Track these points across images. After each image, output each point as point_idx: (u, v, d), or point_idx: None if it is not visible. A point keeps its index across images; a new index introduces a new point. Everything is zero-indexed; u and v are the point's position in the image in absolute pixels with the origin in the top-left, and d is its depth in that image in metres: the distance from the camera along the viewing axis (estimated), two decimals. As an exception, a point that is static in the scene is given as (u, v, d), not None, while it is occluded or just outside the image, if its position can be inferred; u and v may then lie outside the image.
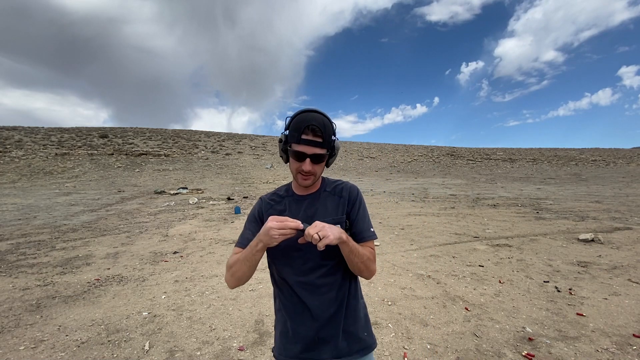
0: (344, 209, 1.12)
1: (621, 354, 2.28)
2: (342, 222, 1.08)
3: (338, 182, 1.18)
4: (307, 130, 1.00)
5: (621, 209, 8.64)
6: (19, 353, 2.37)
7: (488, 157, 37.34)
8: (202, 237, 6.05)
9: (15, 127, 32.35)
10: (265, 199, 1.19)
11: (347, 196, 1.13)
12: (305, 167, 1.02)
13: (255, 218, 1.15)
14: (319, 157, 1.03)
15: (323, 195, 1.14)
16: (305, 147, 1.01)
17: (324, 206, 1.12)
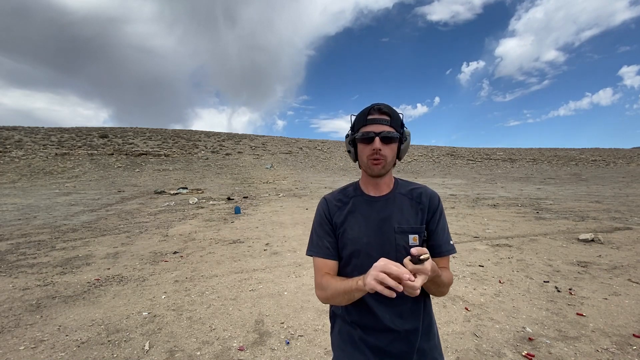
0: (423, 217, 1.01)
1: (621, 354, 2.28)
2: (421, 233, 0.99)
3: (415, 185, 1.08)
4: (373, 110, 0.96)
5: (621, 209, 8.64)
6: (19, 353, 2.37)
7: (488, 157, 37.34)
8: (202, 237, 6.05)
9: (15, 127, 32.35)
10: (331, 200, 1.08)
11: (427, 203, 1.02)
12: (376, 146, 0.94)
13: (325, 221, 1.05)
14: (389, 137, 0.95)
15: (399, 198, 1.04)
16: (373, 126, 0.95)
17: (400, 210, 1.01)
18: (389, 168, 1.00)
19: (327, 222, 1.05)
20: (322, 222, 1.06)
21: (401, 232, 0.98)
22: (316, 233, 1.06)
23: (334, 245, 1.03)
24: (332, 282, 0.95)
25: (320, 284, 0.99)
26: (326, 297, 0.97)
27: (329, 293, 0.95)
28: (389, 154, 0.97)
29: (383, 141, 0.95)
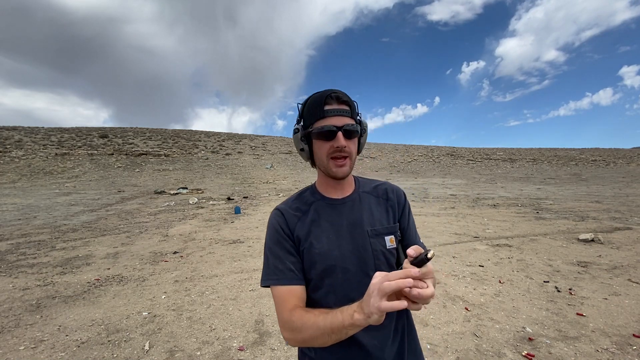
0: (394, 215, 0.89)
1: (621, 354, 2.28)
2: (396, 232, 0.87)
3: (377, 181, 0.97)
4: (330, 99, 0.80)
5: (621, 209, 8.64)
6: (19, 353, 2.37)
7: (488, 157, 37.34)
8: (202, 237, 6.05)
9: (15, 127, 32.35)
10: (287, 210, 0.88)
11: (395, 199, 0.92)
12: (340, 142, 0.79)
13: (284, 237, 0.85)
14: (351, 129, 0.81)
15: (364, 197, 0.91)
16: (333, 118, 0.79)
17: (369, 211, 0.88)
18: (353, 166, 0.86)
19: (286, 238, 0.84)
20: (279, 239, 0.84)
21: (375, 235, 0.85)
22: (273, 254, 0.84)
23: (299, 266, 0.83)
24: (310, 320, 0.71)
25: (291, 323, 0.74)
26: (302, 340, 0.73)
27: (307, 334, 0.71)
28: (354, 150, 0.84)
29: (346, 136, 0.80)
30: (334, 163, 0.82)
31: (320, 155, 0.83)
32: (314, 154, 0.85)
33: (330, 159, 0.82)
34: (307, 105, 0.84)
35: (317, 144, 0.83)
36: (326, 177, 0.88)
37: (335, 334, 0.68)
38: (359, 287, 0.79)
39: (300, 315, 0.74)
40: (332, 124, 0.79)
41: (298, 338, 0.74)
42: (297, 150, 0.88)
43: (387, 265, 0.84)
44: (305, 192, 0.94)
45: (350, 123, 0.80)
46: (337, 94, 0.80)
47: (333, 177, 0.84)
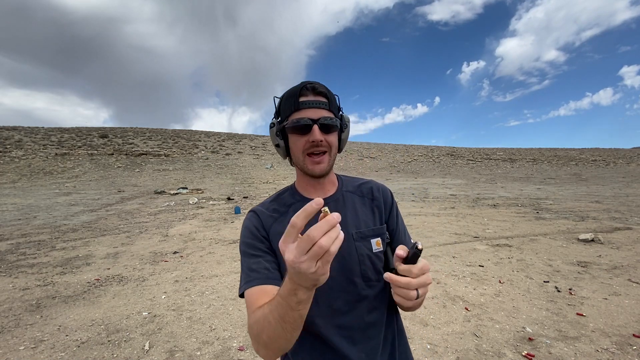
0: (381, 216, 0.83)
1: (621, 354, 2.28)
2: (382, 235, 0.81)
3: (361, 180, 0.91)
4: (306, 90, 0.74)
5: (621, 209, 8.64)
6: (19, 353, 2.37)
7: (488, 157, 37.35)
8: (202, 237, 6.05)
9: (15, 127, 32.36)
10: (262, 211, 0.81)
11: (381, 198, 0.85)
12: (316, 136, 0.72)
13: (259, 238, 0.77)
14: (329, 125, 0.74)
15: (348, 197, 0.85)
16: (308, 111, 0.73)
17: (354, 212, 0.82)
18: (333, 163, 0.79)
19: (261, 239, 0.77)
20: (253, 241, 0.77)
21: (361, 238, 0.78)
22: (247, 256, 0.75)
23: (275, 265, 0.73)
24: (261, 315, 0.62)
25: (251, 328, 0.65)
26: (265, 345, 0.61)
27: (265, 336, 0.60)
28: (333, 144, 0.77)
29: (323, 130, 0.74)
30: (310, 160, 0.76)
31: (296, 151, 0.77)
32: (291, 150, 0.79)
33: (307, 156, 0.76)
34: (283, 99, 0.78)
35: (292, 139, 0.76)
36: (305, 176, 0.82)
37: (288, 323, 0.57)
38: (343, 295, 0.74)
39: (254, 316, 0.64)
40: (307, 117, 0.73)
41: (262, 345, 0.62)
42: (274, 147, 0.82)
43: (374, 270, 0.77)
44: (284, 192, 0.87)
45: (327, 116, 0.74)
46: (312, 85, 0.74)
47: (310, 175, 0.78)
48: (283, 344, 0.61)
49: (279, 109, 0.79)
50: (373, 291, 0.77)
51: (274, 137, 0.80)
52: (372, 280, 0.77)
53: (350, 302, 0.75)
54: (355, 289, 0.75)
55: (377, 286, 0.77)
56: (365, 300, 0.76)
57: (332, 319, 0.74)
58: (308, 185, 0.83)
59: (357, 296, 0.75)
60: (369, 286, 0.76)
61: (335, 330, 0.74)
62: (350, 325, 0.75)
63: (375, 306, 0.77)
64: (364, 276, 0.76)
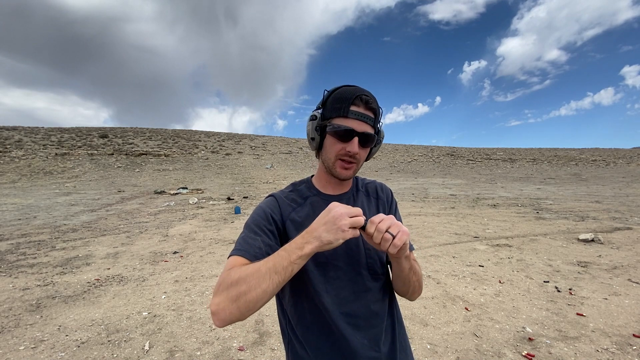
0: (383, 210, 0.91)
1: (621, 354, 2.28)
2: None
3: (366, 180, 0.97)
4: (359, 101, 0.76)
5: (621, 209, 8.64)
6: (19, 353, 2.37)
7: (488, 157, 37.35)
8: (202, 237, 6.05)
9: (15, 127, 32.35)
10: (282, 198, 0.86)
11: (384, 197, 0.93)
12: (353, 148, 0.76)
13: (269, 220, 0.80)
14: (368, 138, 0.78)
15: (359, 195, 0.91)
16: (354, 122, 0.76)
17: (363, 209, 0.84)
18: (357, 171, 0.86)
19: (271, 222, 0.80)
20: (262, 221, 0.80)
21: None
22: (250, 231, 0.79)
23: (269, 249, 0.75)
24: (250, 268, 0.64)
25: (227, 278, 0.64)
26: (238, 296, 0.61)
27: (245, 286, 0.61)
28: (363, 157, 0.82)
29: (362, 143, 0.78)
30: (341, 164, 0.80)
31: (329, 153, 0.80)
32: (324, 147, 0.82)
33: (338, 160, 0.80)
34: (333, 97, 0.79)
35: (330, 141, 0.79)
36: (327, 174, 0.86)
37: (278, 274, 0.62)
38: (350, 285, 0.80)
39: (239, 268, 0.66)
40: (352, 127, 0.76)
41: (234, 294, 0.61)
42: (307, 138, 0.85)
43: (380, 263, 0.84)
44: (300, 185, 0.91)
45: (370, 133, 0.78)
46: (367, 98, 0.77)
47: (336, 177, 0.83)
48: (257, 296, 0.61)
49: (324, 103, 0.81)
50: (378, 283, 0.84)
51: (312, 130, 0.82)
52: (378, 273, 0.84)
53: (357, 292, 0.81)
54: (362, 280, 0.81)
55: (382, 279, 0.85)
56: (370, 291, 0.82)
57: (339, 307, 0.79)
58: (328, 183, 0.89)
59: (363, 287, 0.81)
60: (375, 279, 0.83)
61: (341, 317, 0.78)
62: (356, 314, 0.80)
63: (379, 297, 0.83)
64: (370, 269, 0.82)
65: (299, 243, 0.63)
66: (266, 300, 0.63)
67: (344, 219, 0.61)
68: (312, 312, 0.80)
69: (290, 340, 0.85)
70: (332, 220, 0.62)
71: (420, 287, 0.84)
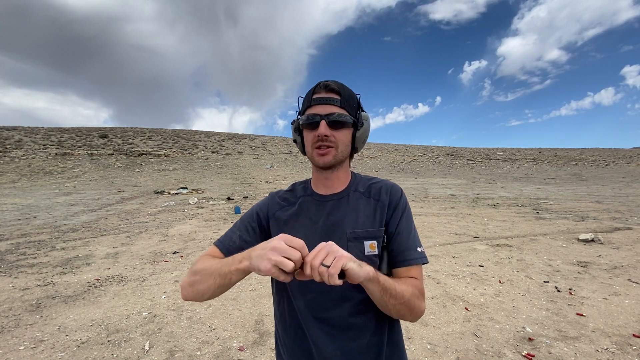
0: (382, 217, 0.80)
1: (621, 354, 2.28)
2: (378, 237, 0.78)
3: (374, 180, 0.89)
4: (319, 88, 0.79)
5: (621, 209, 8.64)
6: (19, 353, 2.37)
7: (488, 157, 37.35)
8: (202, 237, 6.05)
9: (15, 127, 32.36)
10: (274, 197, 0.90)
11: (386, 199, 0.82)
12: (321, 130, 0.75)
13: (254, 217, 0.86)
14: (338, 121, 0.77)
15: (353, 197, 0.84)
16: (318, 107, 0.77)
17: (354, 212, 0.81)
18: (341, 159, 0.81)
19: (255, 219, 0.85)
20: (249, 218, 0.86)
21: (354, 238, 0.78)
22: (236, 226, 0.86)
23: (245, 245, 0.80)
24: (209, 262, 0.73)
25: (194, 265, 0.75)
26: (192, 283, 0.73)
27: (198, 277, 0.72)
28: (341, 141, 0.79)
29: (331, 125, 0.76)
30: (317, 152, 0.79)
31: (307, 145, 0.81)
32: (305, 144, 0.84)
33: (315, 149, 0.79)
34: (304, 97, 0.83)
35: (305, 134, 0.82)
36: (316, 171, 0.86)
37: (220, 277, 0.68)
38: (327, 292, 0.76)
39: (205, 260, 0.76)
40: (316, 113, 0.77)
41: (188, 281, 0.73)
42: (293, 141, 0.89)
43: None
44: (300, 185, 0.92)
45: (336, 112, 0.76)
46: (326, 83, 0.78)
47: (317, 166, 0.82)
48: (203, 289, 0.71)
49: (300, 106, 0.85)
50: (360, 294, 0.75)
51: (293, 133, 0.87)
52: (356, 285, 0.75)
53: (333, 300, 0.77)
54: (339, 288, 0.73)
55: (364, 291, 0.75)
56: (349, 301, 0.76)
57: (313, 312, 0.77)
58: (318, 181, 0.87)
59: (340, 296, 0.76)
60: (355, 288, 0.73)
61: (315, 323, 0.77)
62: (330, 322, 0.77)
63: (361, 310, 0.76)
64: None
65: (241, 257, 0.65)
66: (211, 295, 0.72)
67: (275, 255, 0.57)
68: (290, 313, 0.81)
69: (276, 338, 0.89)
70: (267, 249, 0.59)
71: (410, 311, 0.72)
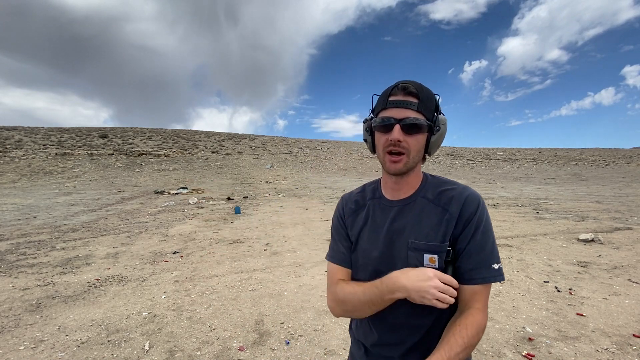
0: (447, 231, 0.76)
1: (621, 354, 2.28)
2: (441, 252, 0.75)
3: (449, 185, 0.82)
4: (397, 89, 0.75)
5: (621, 209, 8.64)
6: (19, 353, 2.37)
7: (488, 157, 37.35)
8: (202, 237, 6.05)
9: (15, 127, 32.35)
10: (347, 201, 0.93)
11: (456, 212, 0.76)
12: (394, 136, 0.73)
13: (341, 224, 0.93)
14: (414, 125, 0.73)
15: (420, 203, 0.81)
16: (394, 110, 0.74)
17: (419, 220, 0.79)
18: (413, 165, 0.79)
19: (342, 226, 0.92)
20: (337, 225, 0.93)
21: (415, 249, 0.77)
22: (332, 237, 0.95)
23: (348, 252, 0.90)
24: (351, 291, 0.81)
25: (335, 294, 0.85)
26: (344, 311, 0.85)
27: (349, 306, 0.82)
28: (414, 147, 0.76)
29: (405, 130, 0.74)
30: (389, 158, 0.77)
31: (379, 148, 0.80)
32: (376, 146, 0.82)
33: (387, 154, 0.78)
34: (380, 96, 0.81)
35: (377, 136, 0.80)
36: (385, 174, 0.86)
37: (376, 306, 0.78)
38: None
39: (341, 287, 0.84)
40: (391, 116, 0.74)
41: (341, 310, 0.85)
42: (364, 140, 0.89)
43: None
44: (370, 185, 0.94)
45: (412, 117, 0.73)
46: (405, 85, 0.75)
47: (387, 172, 0.82)
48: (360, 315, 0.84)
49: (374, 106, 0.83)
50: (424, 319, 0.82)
51: (364, 132, 0.87)
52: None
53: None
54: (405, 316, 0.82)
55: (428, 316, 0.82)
56: (407, 304, 0.77)
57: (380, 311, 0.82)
58: (387, 184, 0.88)
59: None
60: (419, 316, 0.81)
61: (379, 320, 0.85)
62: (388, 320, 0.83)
63: (417, 313, 0.79)
64: None
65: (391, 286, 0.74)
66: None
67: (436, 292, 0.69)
68: None
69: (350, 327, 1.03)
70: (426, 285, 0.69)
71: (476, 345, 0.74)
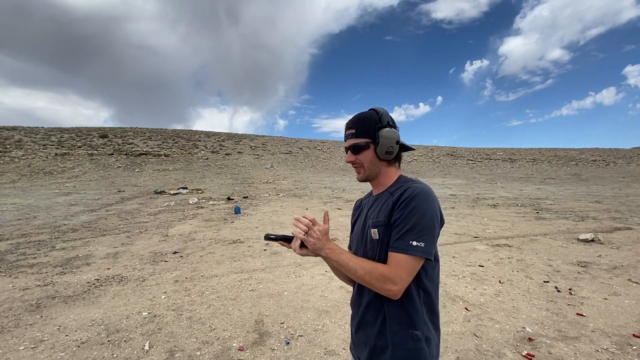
0: (388, 210, 0.98)
1: (621, 354, 2.28)
2: (379, 227, 0.98)
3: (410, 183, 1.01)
4: (345, 127, 1.10)
5: (621, 209, 8.64)
6: (19, 353, 2.37)
7: (488, 157, 37.34)
8: (202, 237, 6.05)
9: (15, 127, 32.34)
10: (358, 203, 1.26)
11: (396, 197, 0.97)
12: (347, 159, 1.09)
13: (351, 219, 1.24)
14: (357, 146, 1.04)
15: (384, 196, 1.05)
16: (346, 141, 1.09)
17: (378, 207, 1.04)
18: (373, 173, 1.07)
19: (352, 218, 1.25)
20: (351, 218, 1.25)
21: (369, 226, 1.05)
22: None
23: None
24: None
25: None
26: None
27: None
28: (365, 160, 1.05)
29: (353, 152, 1.05)
30: (355, 171, 1.10)
31: None
32: None
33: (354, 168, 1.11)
34: None
35: None
36: None
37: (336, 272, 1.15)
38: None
39: None
40: (345, 145, 1.08)
41: None
42: None
43: (372, 252, 1.00)
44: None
45: (354, 142, 1.04)
46: (347, 123, 1.07)
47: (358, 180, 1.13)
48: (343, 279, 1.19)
49: None
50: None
51: None
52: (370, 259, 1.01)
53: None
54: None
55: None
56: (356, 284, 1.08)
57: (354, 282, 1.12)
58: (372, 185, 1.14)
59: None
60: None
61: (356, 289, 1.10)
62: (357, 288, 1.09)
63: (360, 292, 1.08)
64: (365, 255, 1.03)
65: None
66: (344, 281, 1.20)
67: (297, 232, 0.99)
68: None
69: None
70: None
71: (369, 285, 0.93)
